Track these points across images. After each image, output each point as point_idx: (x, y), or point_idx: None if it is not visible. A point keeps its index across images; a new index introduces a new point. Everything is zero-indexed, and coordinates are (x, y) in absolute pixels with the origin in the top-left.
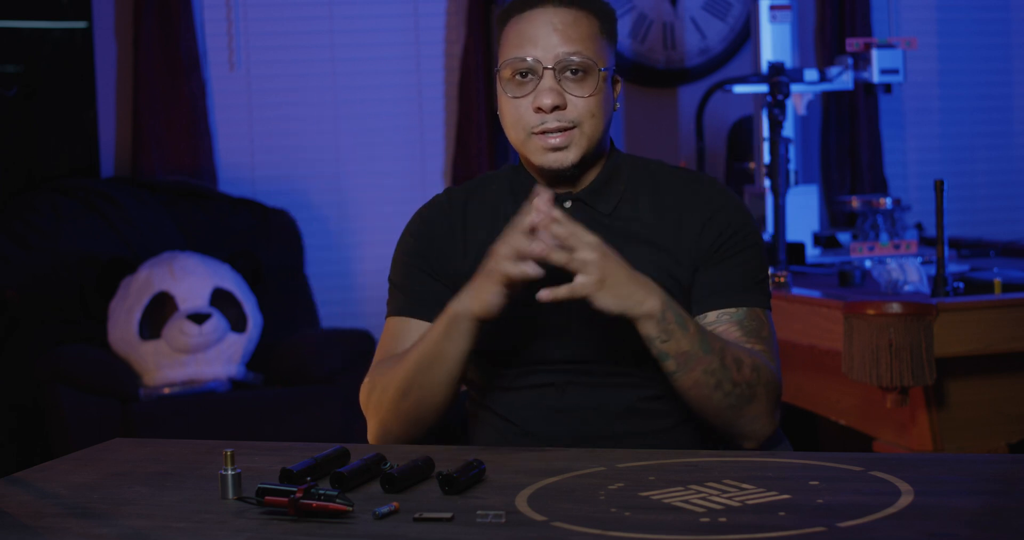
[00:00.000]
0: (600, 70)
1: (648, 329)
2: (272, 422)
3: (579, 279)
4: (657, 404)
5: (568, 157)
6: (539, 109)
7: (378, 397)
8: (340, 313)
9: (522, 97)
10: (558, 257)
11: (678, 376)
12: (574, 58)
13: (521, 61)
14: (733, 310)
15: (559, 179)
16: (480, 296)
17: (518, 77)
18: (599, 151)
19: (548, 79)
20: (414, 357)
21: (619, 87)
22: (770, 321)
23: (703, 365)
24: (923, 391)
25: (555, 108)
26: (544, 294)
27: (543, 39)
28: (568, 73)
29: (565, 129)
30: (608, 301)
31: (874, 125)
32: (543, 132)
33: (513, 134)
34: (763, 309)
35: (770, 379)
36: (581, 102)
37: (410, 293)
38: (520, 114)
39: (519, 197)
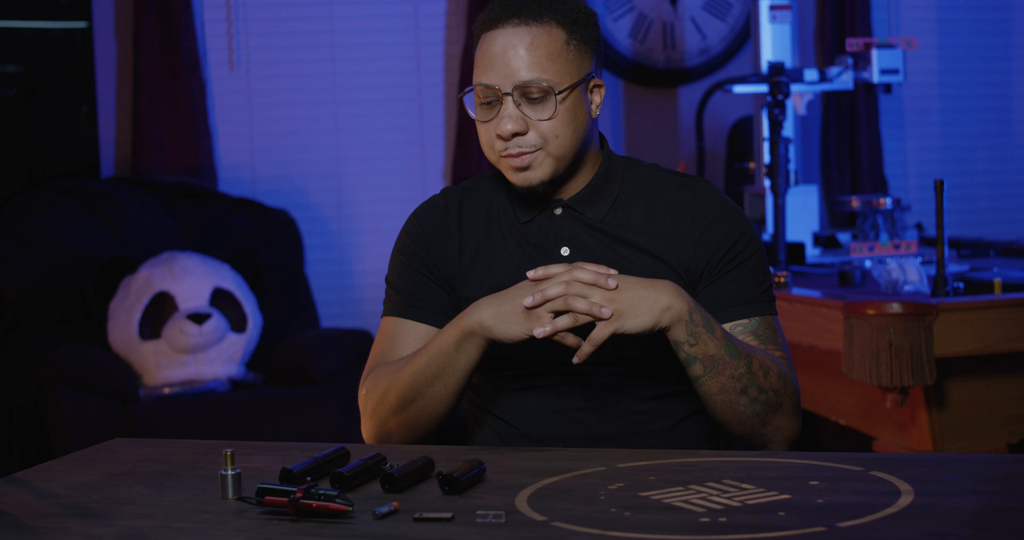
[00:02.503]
0: (556, 94)
1: (677, 334)
2: (272, 422)
3: (597, 327)
4: (654, 405)
5: (536, 176)
6: (499, 135)
7: (377, 402)
8: (340, 313)
9: (487, 122)
10: (564, 322)
11: (704, 381)
12: (531, 84)
13: (486, 88)
14: (746, 321)
15: (534, 195)
16: (508, 328)
17: (483, 102)
18: (576, 163)
19: (507, 105)
20: (419, 366)
21: (601, 92)
22: (780, 327)
23: (730, 370)
24: (923, 391)
25: (515, 134)
26: (577, 360)
27: (502, 64)
28: (527, 97)
29: (527, 153)
30: (636, 323)
31: (874, 125)
32: (508, 156)
33: (487, 155)
34: (773, 316)
35: (794, 389)
36: (542, 125)
37: (406, 294)
38: (488, 138)
39: (513, 198)
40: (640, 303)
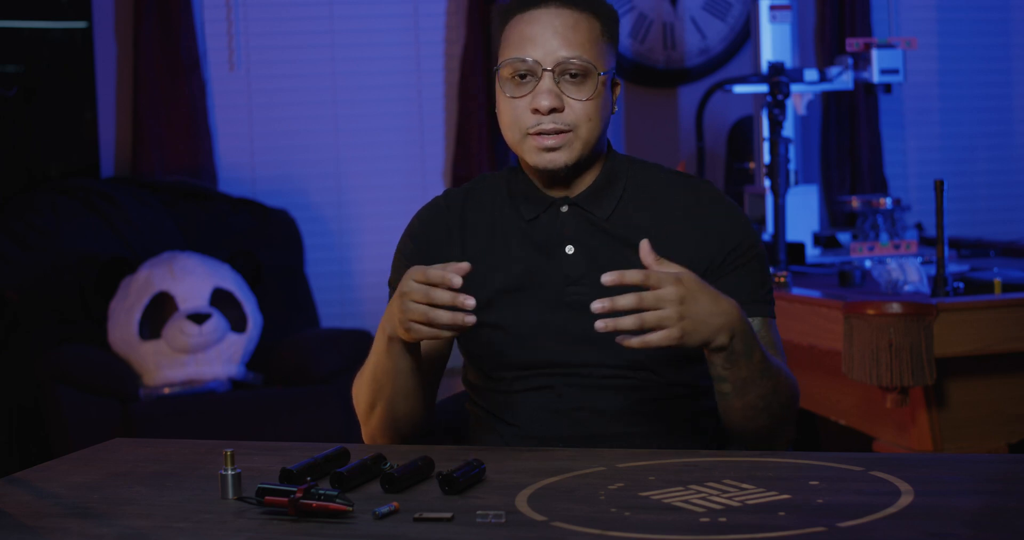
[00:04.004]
0: (599, 74)
1: (714, 358)
2: (272, 422)
3: (659, 334)
4: (655, 406)
5: (562, 158)
6: (536, 110)
7: (355, 405)
8: (340, 313)
9: (520, 97)
10: (626, 301)
11: (731, 398)
12: (573, 61)
13: (521, 62)
14: None
15: (554, 180)
16: (398, 326)
17: (517, 77)
18: (595, 154)
19: (547, 81)
20: (371, 369)
21: (619, 90)
22: (778, 331)
23: (757, 390)
24: (923, 391)
25: (552, 110)
26: (629, 342)
27: (544, 41)
28: (567, 76)
29: (561, 131)
30: (689, 344)
31: (874, 125)
32: (539, 133)
33: (509, 134)
34: (772, 319)
35: (797, 400)
36: (579, 105)
37: None
38: (517, 114)
39: (517, 200)
40: (699, 330)
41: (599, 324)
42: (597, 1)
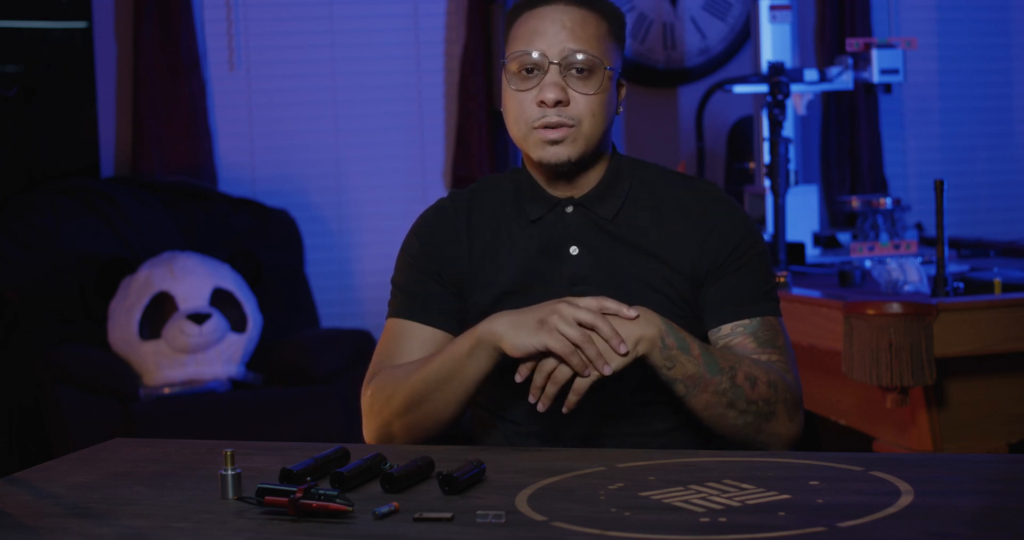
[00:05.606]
0: (605, 69)
1: (653, 360)
2: (272, 422)
3: (578, 381)
4: (656, 406)
5: (566, 152)
6: (542, 103)
7: (382, 404)
8: (340, 313)
9: (526, 91)
10: (563, 375)
11: (688, 399)
12: (580, 55)
13: (527, 55)
14: (747, 321)
15: (557, 176)
16: (519, 337)
17: (523, 71)
18: (599, 152)
19: (553, 74)
20: (430, 370)
21: (623, 92)
22: (783, 328)
23: (712, 386)
24: (923, 391)
25: (558, 103)
26: (566, 410)
27: (551, 35)
28: (573, 71)
29: (565, 125)
30: (613, 364)
31: (874, 125)
32: (543, 126)
33: (515, 129)
34: (776, 317)
35: (788, 395)
36: (584, 100)
37: (412, 296)
38: (523, 108)
39: (522, 200)
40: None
41: (539, 406)
42: (605, 2)
